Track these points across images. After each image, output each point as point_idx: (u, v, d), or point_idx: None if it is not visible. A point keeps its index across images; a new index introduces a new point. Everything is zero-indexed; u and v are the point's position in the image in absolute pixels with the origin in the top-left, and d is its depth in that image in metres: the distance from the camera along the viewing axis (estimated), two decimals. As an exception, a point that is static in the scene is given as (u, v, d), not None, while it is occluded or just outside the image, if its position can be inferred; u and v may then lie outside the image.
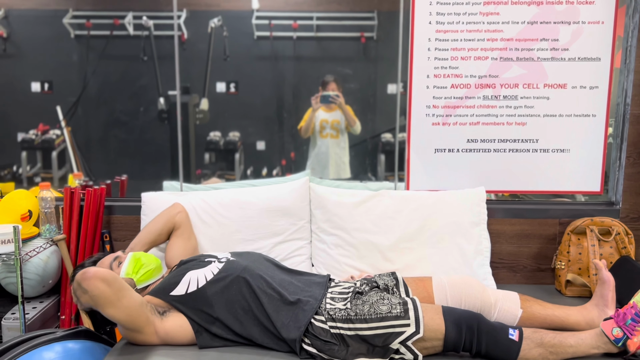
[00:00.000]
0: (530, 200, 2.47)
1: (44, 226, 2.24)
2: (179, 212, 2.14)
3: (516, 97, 2.28)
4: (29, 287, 2.17)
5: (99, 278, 1.51)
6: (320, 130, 3.94)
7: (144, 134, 5.73)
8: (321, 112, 3.96)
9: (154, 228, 2.08)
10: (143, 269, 1.82)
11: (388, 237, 2.16)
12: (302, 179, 2.29)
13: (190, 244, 2.11)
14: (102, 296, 1.52)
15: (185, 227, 2.13)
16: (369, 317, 1.62)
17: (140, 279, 1.81)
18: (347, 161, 4.03)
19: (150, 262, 1.85)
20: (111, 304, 1.54)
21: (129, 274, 1.80)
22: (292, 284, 1.79)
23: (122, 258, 1.86)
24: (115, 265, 1.82)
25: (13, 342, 1.82)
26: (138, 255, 1.85)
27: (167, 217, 2.11)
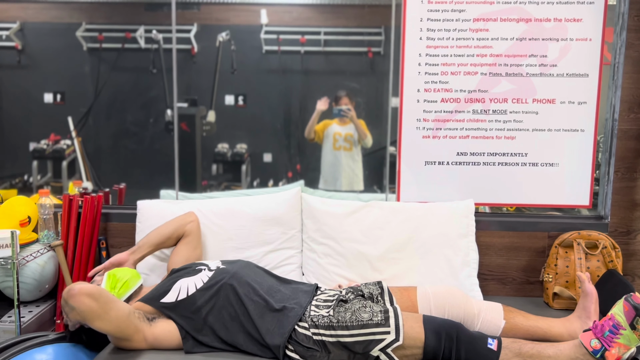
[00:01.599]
0: (521, 213, 2.49)
1: (42, 232, 2.30)
2: (192, 222, 2.18)
3: (505, 111, 2.32)
4: (26, 291, 2.23)
5: (85, 294, 1.54)
6: (333, 142, 4.03)
7: (153, 145, 5.82)
8: (335, 125, 4.05)
9: (164, 232, 2.12)
10: (119, 283, 1.85)
11: (377, 247, 2.19)
12: (294, 189, 2.34)
13: (195, 254, 2.15)
14: (89, 311, 1.55)
15: (194, 236, 2.17)
16: (350, 324, 1.65)
17: (120, 292, 1.85)
18: (360, 174, 4.11)
19: (124, 274, 1.88)
20: (99, 318, 1.57)
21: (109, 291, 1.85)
22: (279, 291, 1.83)
23: (98, 280, 1.90)
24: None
25: (6, 344, 1.88)
26: (112, 272, 1.88)
27: (179, 223, 2.15)
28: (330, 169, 4.10)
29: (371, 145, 4.12)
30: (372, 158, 5.31)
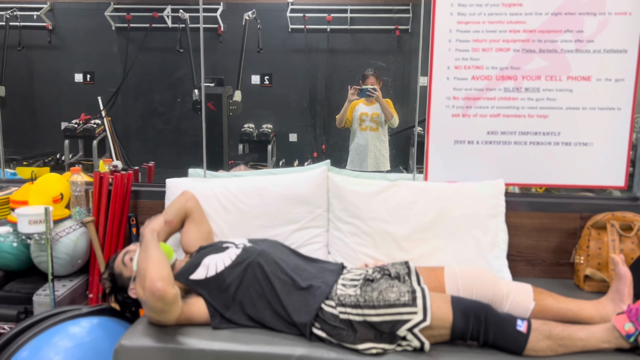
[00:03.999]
0: (551, 193, 2.43)
1: (74, 208, 2.35)
2: (189, 199, 2.19)
3: (538, 89, 2.25)
4: (59, 266, 2.29)
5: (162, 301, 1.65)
6: (360, 123, 3.99)
7: (180, 124, 5.87)
8: (361, 105, 4.01)
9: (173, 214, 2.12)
10: None
11: (403, 227, 2.18)
12: (320, 168, 2.33)
13: (203, 228, 2.16)
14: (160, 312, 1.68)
15: (197, 212, 2.18)
16: (377, 303, 1.65)
17: None
18: (387, 154, 4.07)
19: None
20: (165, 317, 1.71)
21: None
22: (306, 270, 1.84)
23: (132, 252, 1.91)
24: (128, 259, 1.89)
25: (42, 316, 1.94)
26: None
27: (178, 205, 2.15)
28: (357, 150, 4.07)
29: (397, 125, 4.07)
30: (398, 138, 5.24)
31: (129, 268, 1.87)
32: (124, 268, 1.89)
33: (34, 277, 2.39)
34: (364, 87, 3.78)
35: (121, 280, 1.90)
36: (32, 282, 2.34)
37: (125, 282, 1.90)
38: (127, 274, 1.88)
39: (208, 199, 2.28)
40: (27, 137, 5.77)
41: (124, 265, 1.89)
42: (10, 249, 2.32)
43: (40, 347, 1.81)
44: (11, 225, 2.20)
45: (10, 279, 2.38)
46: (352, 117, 4.02)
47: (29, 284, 2.33)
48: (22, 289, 2.29)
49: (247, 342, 1.68)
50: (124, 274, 1.89)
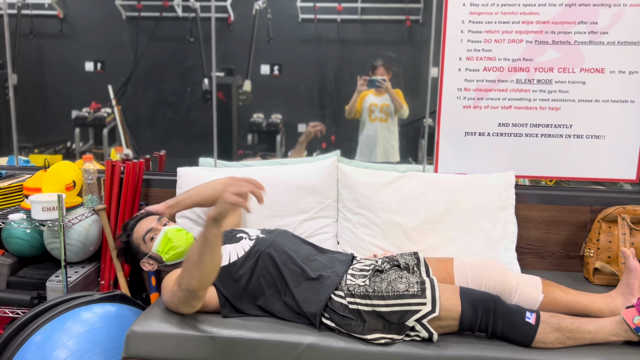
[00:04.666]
0: (562, 186, 2.42)
1: (87, 196, 2.37)
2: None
3: (550, 81, 2.24)
4: (72, 253, 2.32)
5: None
6: (369, 114, 3.97)
7: (190, 114, 5.88)
8: (371, 96, 3.98)
9: (204, 192, 2.14)
10: (172, 251, 1.89)
11: (413, 218, 2.18)
12: (330, 159, 2.33)
13: (231, 219, 2.17)
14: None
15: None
16: (386, 294, 1.66)
17: (169, 258, 1.90)
18: (397, 145, 4.05)
19: (180, 244, 1.90)
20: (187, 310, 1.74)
21: (159, 251, 1.90)
22: (316, 260, 1.85)
23: (155, 231, 1.91)
24: (148, 239, 1.90)
25: (55, 302, 1.96)
26: (170, 234, 1.89)
27: (218, 187, 2.16)
28: (366, 141, 4.05)
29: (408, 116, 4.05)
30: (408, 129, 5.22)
31: (147, 246, 1.90)
32: (143, 244, 1.91)
33: (47, 264, 2.42)
34: (374, 78, 3.77)
35: (137, 250, 1.93)
36: (45, 268, 2.38)
37: (140, 254, 1.92)
38: (144, 250, 1.91)
39: (218, 188, 2.29)
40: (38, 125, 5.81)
41: (144, 242, 1.91)
42: (24, 236, 2.35)
43: (54, 332, 1.84)
44: (25, 212, 2.23)
45: (24, 264, 2.42)
46: (361, 108, 4.01)
47: (42, 270, 2.36)
48: (35, 275, 2.33)
49: (257, 329, 1.70)
50: (142, 249, 1.91)
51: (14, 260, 2.38)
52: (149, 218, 1.97)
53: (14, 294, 2.25)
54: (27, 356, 1.80)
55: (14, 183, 2.36)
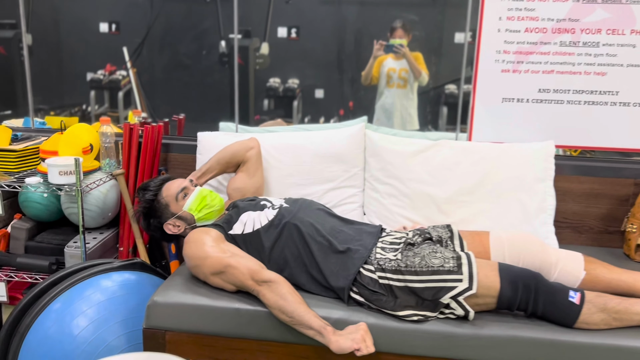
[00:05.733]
0: (603, 157, 2.28)
1: (104, 160, 2.29)
2: (252, 148, 2.12)
3: (597, 43, 2.08)
4: (90, 218, 2.25)
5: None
6: (387, 80, 3.75)
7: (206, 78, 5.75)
8: (389, 61, 3.75)
9: (223, 158, 2.08)
10: (206, 209, 1.83)
11: (445, 189, 2.07)
12: (358, 125, 2.22)
13: (252, 182, 2.09)
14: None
15: (252, 163, 2.10)
16: (420, 269, 1.57)
17: (201, 217, 1.84)
18: (415, 113, 3.83)
19: (214, 204, 1.85)
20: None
21: (191, 209, 1.83)
22: (342, 232, 1.76)
23: (189, 190, 1.86)
24: (181, 197, 1.84)
25: (74, 269, 1.91)
26: (205, 193, 1.85)
27: (238, 148, 2.10)
28: (383, 109, 3.84)
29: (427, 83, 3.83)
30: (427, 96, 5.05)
31: (179, 205, 1.84)
32: (174, 203, 1.85)
33: (65, 229, 2.36)
34: (391, 43, 3.54)
35: (163, 210, 1.86)
36: (63, 233, 2.32)
37: (167, 215, 1.85)
38: (173, 210, 1.85)
39: (241, 154, 2.20)
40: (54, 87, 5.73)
41: (175, 201, 1.85)
42: (41, 200, 2.29)
43: (73, 299, 1.78)
44: (41, 176, 2.15)
45: (42, 229, 2.36)
46: (378, 74, 3.78)
47: (59, 235, 2.31)
48: (53, 240, 2.28)
49: (283, 303, 1.62)
50: (171, 208, 1.85)
51: (31, 225, 2.33)
52: (179, 179, 1.92)
53: (32, 259, 2.20)
54: (47, 323, 1.75)
55: (30, 145, 2.29)
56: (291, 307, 1.52)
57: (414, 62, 3.57)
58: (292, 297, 1.53)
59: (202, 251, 1.66)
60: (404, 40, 3.49)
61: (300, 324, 1.51)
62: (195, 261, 1.68)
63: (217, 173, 2.09)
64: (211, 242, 1.68)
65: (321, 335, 1.48)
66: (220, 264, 1.62)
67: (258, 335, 1.62)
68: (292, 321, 1.52)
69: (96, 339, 1.72)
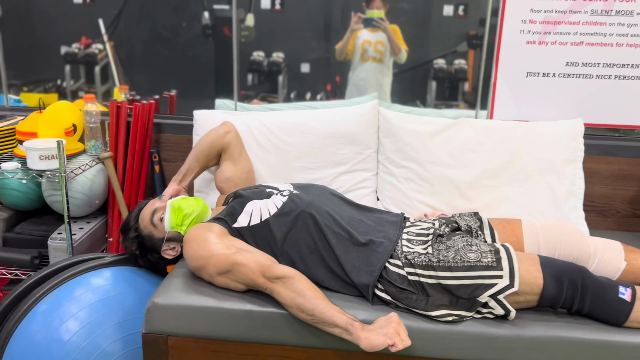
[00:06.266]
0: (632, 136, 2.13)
1: (90, 142, 2.08)
2: (228, 132, 1.93)
3: (631, 12, 1.91)
4: (75, 207, 2.05)
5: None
6: (362, 53, 3.42)
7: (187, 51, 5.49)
8: (364, 32, 3.42)
9: (200, 151, 1.89)
10: (187, 219, 1.63)
11: (467, 173, 1.91)
12: (371, 103, 2.03)
13: (240, 168, 1.91)
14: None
15: (235, 147, 1.92)
16: (454, 265, 1.41)
17: (187, 230, 1.63)
18: (389, 90, 3.53)
19: (192, 209, 1.65)
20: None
21: (174, 227, 1.63)
22: (362, 222, 1.59)
23: (161, 210, 1.66)
24: (157, 220, 1.64)
25: (61, 266, 1.71)
26: (177, 204, 1.64)
27: (214, 137, 1.91)
28: (356, 84, 3.53)
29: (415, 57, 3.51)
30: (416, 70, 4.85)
31: (160, 229, 1.64)
32: (154, 229, 1.65)
33: (47, 218, 2.15)
34: (370, 16, 3.24)
35: (152, 242, 1.67)
36: (46, 223, 2.11)
37: (157, 243, 1.66)
38: (158, 235, 1.65)
39: (242, 135, 2.00)
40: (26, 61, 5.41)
41: (154, 227, 1.64)
42: (20, 187, 2.07)
43: (61, 301, 1.59)
44: (19, 160, 1.93)
45: (21, 219, 2.15)
46: (353, 47, 3.45)
47: (41, 225, 2.10)
48: (34, 231, 2.07)
49: (301, 303, 1.45)
50: (155, 235, 1.65)
51: (9, 214, 2.11)
52: (149, 203, 1.71)
53: (11, 253, 1.99)
54: (32, 328, 1.56)
55: (5, 126, 2.06)
56: (311, 303, 1.34)
57: (394, 37, 3.27)
58: (311, 293, 1.36)
59: (205, 250, 1.47)
60: (382, 12, 3.17)
61: (322, 322, 1.34)
62: (198, 262, 1.49)
63: (199, 170, 1.89)
64: (214, 238, 1.49)
65: (348, 333, 1.32)
66: (226, 262, 1.43)
67: (273, 339, 1.45)
68: (314, 319, 1.35)
69: (89, 345, 1.53)
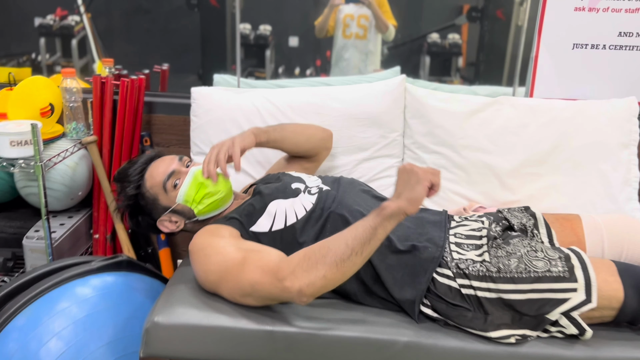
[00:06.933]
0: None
1: (70, 124, 1.80)
2: (328, 150, 1.66)
3: (697, -25, 1.67)
4: (55, 200, 1.77)
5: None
6: (343, 28, 3.05)
7: (169, 24, 5.14)
8: (346, 6, 3.03)
9: (300, 135, 1.55)
10: (208, 199, 1.34)
11: (509, 159, 1.67)
12: (397, 78, 1.77)
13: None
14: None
15: (316, 165, 1.64)
16: (518, 275, 1.17)
17: (203, 210, 1.36)
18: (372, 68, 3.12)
19: (218, 189, 1.34)
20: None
21: (188, 201, 1.34)
22: (400, 223, 1.34)
23: (180, 174, 1.36)
24: (171, 185, 1.34)
25: (39, 273, 1.44)
26: (202, 178, 1.33)
27: (320, 141, 1.61)
28: (338, 63, 3.17)
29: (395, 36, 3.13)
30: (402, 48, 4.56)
31: (170, 196, 1.35)
32: (163, 195, 1.35)
33: (22, 212, 1.88)
34: None
35: (153, 206, 1.38)
36: (20, 218, 1.84)
37: (159, 210, 1.37)
38: (164, 203, 1.36)
39: (248, 116, 1.74)
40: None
41: (164, 191, 1.35)
42: (-12, 177, 1.79)
43: (41, 317, 1.33)
44: (-14, 147, 1.64)
45: (-9, 214, 1.87)
46: (334, 22, 3.07)
47: (15, 221, 1.82)
48: (7, 228, 1.79)
49: (331, 321, 1.21)
50: (161, 201, 1.36)
51: (-23, 209, 1.83)
52: (166, 158, 1.40)
53: (-20, 255, 1.72)
54: (8, 346, 1.31)
55: (-32, 106, 1.76)
56: (334, 252, 1.09)
57: (380, 14, 2.87)
58: (323, 249, 1.11)
59: (220, 264, 1.21)
60: None
61: (359, 246, 1.09)
62: (212, 279, 1.23)
63: (275, 145, 1.50)
64: (229, 245, 1.23)
65: (381, 226, 1.09)
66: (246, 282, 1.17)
67: (299, 365, 1.21)
68: (353, 251, 1.09)
69: (75, 370, 1.28)
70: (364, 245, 1.10)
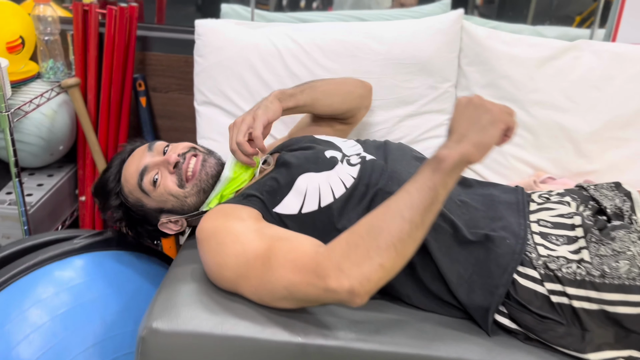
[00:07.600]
0: None
1: (46, 63, 1.48)
2: (367, 108, 1.35)
3: None
4: (30, 155, 1.48)
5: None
6: None
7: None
8: None
9: (335, 94, 1.25)
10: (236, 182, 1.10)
11: (589, 120, 1.37)
12: (453, 13, 1.43)
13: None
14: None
15: (350, 128, 1.34)
16: (630, 283, 0.89)
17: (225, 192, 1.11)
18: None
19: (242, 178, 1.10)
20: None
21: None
22: (464, 204, 1.04)
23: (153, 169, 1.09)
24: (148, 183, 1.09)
25: (6, 254, 1.17)
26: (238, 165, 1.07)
27: (359, 98, 1.30)
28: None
29: None
30: None
31: (153, 197, 1.08)
32: (145, 197, 1.09)
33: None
34: None
35: (141, 211, 1.13)
36: (-10, 176, 1.54)
37: (151, 214, 1.12)
38: (150, 205, 1.10)
39: (265, 58, 1.41)
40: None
41: (144, 193, 1.09)
42: (-53, 126, 1.47)
43: (9, 313, 1.07)
44: (-60, 90, 1.32)
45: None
46: None
47: (-17, 179, 1.53)
48: (-27, 189, 1.50)
49: (380, 333, 0.94)
50: (146, 204, 1.11)
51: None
52: (135, 153, 1.13)
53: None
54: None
55: None
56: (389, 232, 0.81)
57: None
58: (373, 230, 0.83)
59: (238, 256, 0.92)
60: None
61: (418, 217, 0.82)
62: (228, 275, 0.94)
63: (304, 109, 1.21)
64: (249, 230, 0.94)
65: (442, 184, 0.82)
66: (276, 282, 0.89)
67: (335, 384, 0.95)
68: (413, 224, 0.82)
69: (53, 382, 1.03)
70: (425, 214, 0.82)
